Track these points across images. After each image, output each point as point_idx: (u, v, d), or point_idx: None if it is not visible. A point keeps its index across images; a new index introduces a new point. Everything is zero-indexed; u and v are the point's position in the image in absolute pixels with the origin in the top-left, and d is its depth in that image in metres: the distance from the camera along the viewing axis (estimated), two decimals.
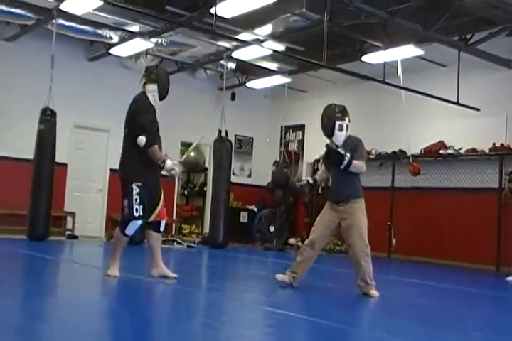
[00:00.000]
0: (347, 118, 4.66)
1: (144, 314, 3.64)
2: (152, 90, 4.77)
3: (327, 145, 4.58)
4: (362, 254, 4.52)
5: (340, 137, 4.60)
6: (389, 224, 9.51)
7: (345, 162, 4.45)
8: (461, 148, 9.08)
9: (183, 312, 3.67)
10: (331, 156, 4.54)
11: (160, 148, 4.75)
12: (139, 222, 4.65)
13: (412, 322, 3.91)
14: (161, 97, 4.82)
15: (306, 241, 4.76)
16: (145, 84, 4.80)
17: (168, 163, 4.56)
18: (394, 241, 9.51)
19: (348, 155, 4.47)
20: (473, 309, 4.77)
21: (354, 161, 4.48)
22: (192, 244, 9.60)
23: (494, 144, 8.66)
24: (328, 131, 4.63)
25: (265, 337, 3.22)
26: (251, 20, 8.06)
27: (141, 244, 8.99)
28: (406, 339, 3.30)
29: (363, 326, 3.66)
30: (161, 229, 4.89)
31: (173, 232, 11.07)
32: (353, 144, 4.62)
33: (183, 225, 12.00)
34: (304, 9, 7.73)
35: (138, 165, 4.65)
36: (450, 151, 9.15)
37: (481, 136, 8.85)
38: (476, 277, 7.81)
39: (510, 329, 3.99)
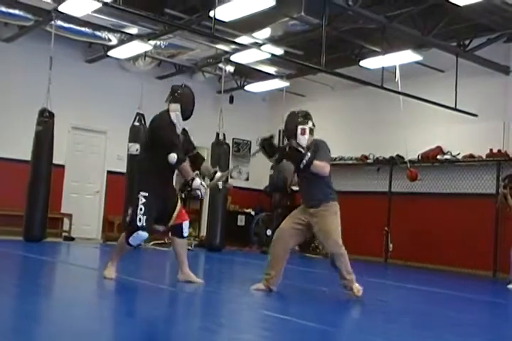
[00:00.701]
0: (310, 122, 4.62)
1: (140, 316, 3.63)
2: (175, 109, 4.70)
3: (287, 145, 4.52)
4: (339, 257, 4.49)
5: (302, 141, 4.53)
6: (386, 229, 9.52)
7: (305, 161, 4.34)
8: (458, 154, 9.10)
9: (180, 315, 3.66)
10: (291, 155, 4.43)
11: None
12: (145, 234, 4.59)
13: (409, 327, 3.90)
14: (185, 117, 4.75)
15: (272, 238, 4.70)
16: (168, 102, 4.75)
17: (197, 181, 4.53)
18: (391, 246, 9.52)
19: (309, 154, 4.37)
20: (470, 314, 4.77)
21: (315, 161, 4.37)
22: (189, 247, 9.54)
23: (491, 150, 8.68)
24: (291, 135, 4.58)
25: (262, 340, 3.22)
26: (250, 23, 8.08)
27: (136, 246, 9.00)
28: None
29: (360, 331, 3.66)
30: (184, 234, 4.82)
31: (170, 235, 11.04)
32: (317, 146, 4.53)
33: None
34: (302, 13, 7.75)
35: (147, 175, 4.62)
36: (447, 157, 9.17)
37: (479, 142, 8.88)
38: (473, 283, 7.82)
39: (506, 335, 4.00)
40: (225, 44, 8.99)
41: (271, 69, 10.28)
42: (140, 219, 4.52)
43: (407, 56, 8.42)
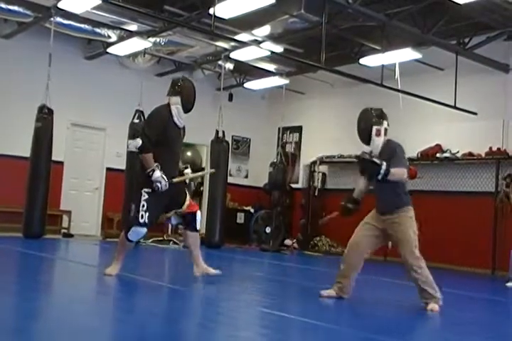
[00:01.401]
0: (385, 122, 4.31)
1: (138, 314, 3.64)
2: (175, 103, 4.68)
3: (358, 157, 4.22)
4: (414, 268, 4.24)
5: (377, 142, 4.27)
6: None
7: (382, 171, 4.05)
8: (457, 152, 9.10)
9: (178, 313, 3.67)
10: (366, 167, 4.18)
11: (175, 162, 4.73)
12: (143, 230, 4.59)
13: (408, 325, 3.91)
14: (186, 110, 4.73)
15: (347, 246, 4.41)
16: (169, 95, 4.73)
17: (157, 174, 4.47)
18: (390, 244, 9.51)
19: (384, 163, 4.07)
20: (469, 313, 4.78)
21: (392, 169, 4.07)
22: None
23: (491, 148, 8.69)
24: (365, 137, 4.30)
25: (260, 338, 3.22)
26: (249, 21, 8.07)
27: (136, 243, 9.00)
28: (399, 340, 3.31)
29: (358, 327, 3.66)
30: (197, 226, 4.82)
31: (169, 232, 11.06)
32: (391, 150, 4.23)
33: (179, 225, 11.97)
34: (302, 11, 7.73)
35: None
36: (447, 155, 9.17)
37: (478, 140, 8.88)
38: (472, 281, 7.83)
39: (506, 333, 4.01)
40: (225, 41, 8.98)
41: (270, 67, 10.27)
42: (142, 215, 4.50)
43: (406, 54, 8.42)
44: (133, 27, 8.71)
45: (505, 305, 5.70)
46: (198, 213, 4.84)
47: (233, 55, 9.18)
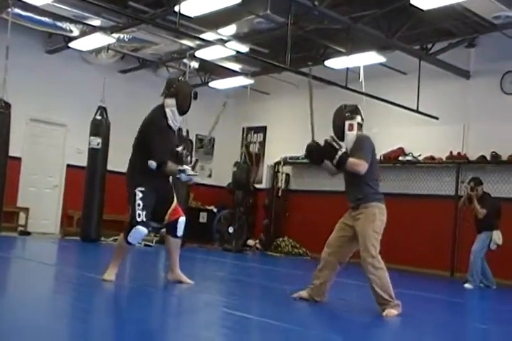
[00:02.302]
0: (358, 117, 4.33)
1: (96, 313, 3.56)
2: (170, 105, 4.54)
3: (325, 140, 4.19)
4: (368, 267, 4.10)
5: (350, 137, 4.27)
6: None
7: (337, 156, 4.07)
8: (419, 156, 9.27)
9: (138, 313, 3.61)
10: (324, 149, 4.16)
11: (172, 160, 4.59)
12: (144, 230, 4.44)
13: (369, 326, 3.95)
14: (181, 112, 4.60)
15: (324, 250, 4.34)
16: (163, 97, 4.59)
17: (183, 177, 4.58)
18: None
19: (343, 150, 4.10)
20: (429, 313, 4.87)
21: (350, 159, 4.10)
22: (149, 243, 9.48)
23: (451, 152, 8.88)
24: (339, 132, 4.30)
25: (221, 338, 3.21)
26: (215, 20, 8.03)
27: (96, 241, 8.86)
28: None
29: (318, 329, 3.68)
30: (179, 233, 4.67)
31: None
32: (358, 142, 4.24)
33: (161, 229, 11.84)
34: (268, 11, 7.75)
35: (141, 170, 4.47)
36: (409, 158, 9.33)
37: (439, 144, 9.07)
38: (433, 282, 7.98)
39: (461, 333, 4.10)
40: (190, 39, 8.90)
41: (236, 67, 10.25)
42: (139, 214, 4.38)
43: (371, 57, 8.52)
44: (96, 22, 8.54)
45: (462, 306, 5.83)
46: (182, 219, 4.70)
47: (198, 53, 9.12)
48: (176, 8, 6.80)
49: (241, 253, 9.99)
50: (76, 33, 8.85)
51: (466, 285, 7.09)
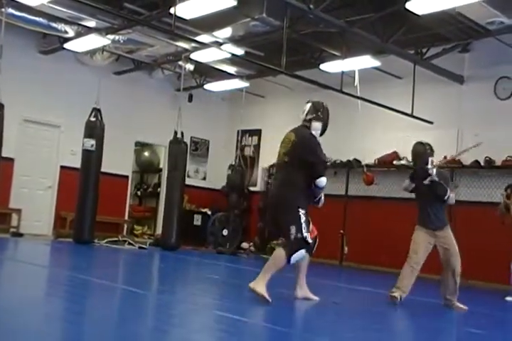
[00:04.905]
0: (433, 154, 5.36)
1: (89, 315, 3.55)
2: (316, 128, 4.61)
3: (431, 180, 5.20)
4: (458, 272, 5.17)
5: (431, 171, 5.22)
6: (341, 232, 9.62)
7: (448, 195, 5.19)
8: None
9: (132, 315, 3.59)
10: (436, 189, 5.19)
11: None
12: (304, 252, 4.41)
13: (358, 329, 3.95)
14: (320, 135, 4.68)
15: (413, 261, 5.21)
16: (311, 120, 4.61)
17: (322, 199, 4.70)
18: (346, 249, 9.63)
19: (449, 190, 5.22)
20: (421, 318, 4.88)
21: (451, 194, 5.20)
22: (143, 246, 9.46)
23: (446, 157, 8.88)
24: (422, 164, 5.26)
25: None
26: (211, 22, 8.02)
27: (89, 243, 8.81)
28: None
29: (310, 331, 3.68)
30: (314, 250, 4.68)
31: (125, 233, 10.89)
32: (444, 178, 5.32)
33: (135, 226, 11.84)
34: (264, 14, 7.74)
35: (301, 191, 4.49)
36: (403, 162, 9.32)
37: (434, 149, 9.05)
38: (426, 286, 7.97)
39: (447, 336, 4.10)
40: (185, 42, 8.89)
41: (231, 69, 10.25)
42: (306, 236, 4.33)
43: (366, 61, 8.54)
44: (91, 23, 8.51)
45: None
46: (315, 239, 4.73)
47: (194, 55, 9.11)
48: (172, 10, 6.79)
49: (235, 256, 9.98)
50: (71, 33, 8.81)
51: (509, 298, 6.68)
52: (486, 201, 8.43)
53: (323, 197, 4.68)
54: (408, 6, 6.47)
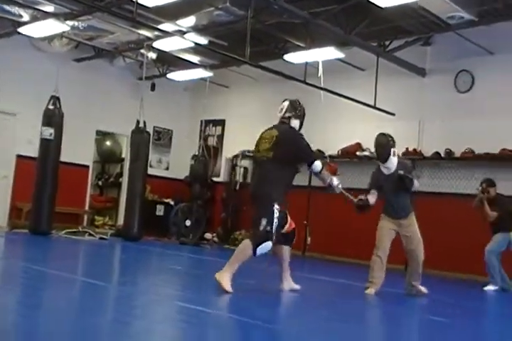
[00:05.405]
0: (395, 145, 5.46)
1: (46, 309, 3.45)
2: (295, 126, 4.78)
3: (399, 174, 5.32)
4: (422, 258, 5.33)
5: (394, 161, 5.35)
6: (305, 222, 9.68)
7: (415, 186, 5.34)
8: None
9: (93, 307, 3.52)
10: (404, 182, 5.29)
11: None
12: (270, 245, 4.46)
13: (321, 319, 3.98)
14: None
15: (379, 251, 5.30)
16: (290, 118, 4.78)
17: (335, 181, 4.76)
18: (309, 239, 9.69)
19: (415, 180, 5.34)
20: (383, 307, 4.95)
21: (416, 182, 5.35)
22: (104, 236, 9.30)
23: (407, 149, 9.02)
24: (385, 157, 5.37)
25: (177, 331, 3.16)
26: (174, 10, 7.90)
27: (47, 234, 8.60)
28: (318, 336, 3.36)
29: (276, 323, 3.68)
30: (293, 242, 4.90)
31: (85, 224, 10.69)
32: (405, 167, 5.42)
33: (95, 216, 11.64)
34: (228, 4, 7.67)
35: (280, 187, 4.57)
36: (366, 153, 9.42)
37: (396, 140, 9.17)
38: (390, 276, 8.10)
39: (404, 325, 4.17)
40: (148, 30, 8.73)
41: (194, 59, 10.13)
42: (273, 231, 4.41)
43: (329, 53, 8.56)
44: (49, 8, 8.22)
45: (413, 299, 5.93)
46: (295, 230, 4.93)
47: (156, 44, 8.95)
48: None
49: (198, 247, 9.93)
50: (26, 18, 8.48)
51: (487, 288, 6.81)
52: (446, 192, 8.61)
53: (335, 182, 4.76)
54: None
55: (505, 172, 8.07)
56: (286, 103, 4.84)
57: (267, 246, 4.39)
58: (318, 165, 4.57)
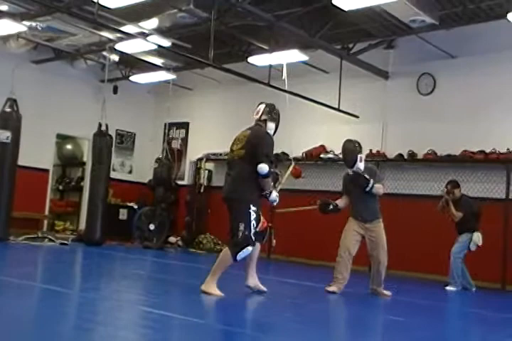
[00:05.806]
0: (361, 151, 5.65)
1: (9, 316, 3.32)
2: (270, 128, 4.83)
3: (354, 172, 5.48)
4: (384, 264, 5.44)
5: (361, 166, 5.49)
6: (270, 225, 9.63)
7: (370, 185, 5.38)
8: (340, 153, 9.42)
9: (53, 314, 3.40)
10: (358, 180, 5.44)
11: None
12: (251, 249, 4.52)
13: (287, 321, 3.96)
14: (272, 135, 4.89)
15: (342, 250, 5.45)
16: (266, 120, 4.82)
17: (274, 194, 4.80)
18: (274, 241, 9.65)
19: (372, 180, 5.40)
20: (346, 309, 4.96)
21: (376, 184, 5.40)
22: (65, 241, 9.07)
23: (371, 151, 9.11)
24: (352, 162, 5.52)
25: (141, 337, 3.08)
26: (137, 12, 7.80)
27: (4, 240, 8.34)
28: (280, 337, 3.33)
29: (240, 326, 3.64)
30: (265, 239, 5.11)
31: (45, 229, 10.43)
32: (370, 171, 5.55)
33: (56, 221, 11.38)
34: (191, 6, 7.60)
35: (253, 188, 4.62)
36: (330, 156, 9.48)
37: (360, 142, 9.26)
38: (353, 277, 8.16)
39: (372, 326, 4.19)
40: (110, 31, 8.59)
41: (157, 61, 10.02)
42: (252, 235, 4.45)
43: (293, 55, 8.57)
44: (3, 7, 8.00)
45: (376, 299, 5.98)
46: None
47: (118, 46, 8.81)
48: None
49: (162, 251, 9.81)
50: None
51: (448, 288, 7.00)
52: (409, 193, 8.73)
53: (275, 194, 4.82)
54: (335, 1, 6.54)
55: (465, 173, 8.24)
56: (263, 106, 4.90)
57: (247, 251, 4.46)
58: (264, 168, 4.48)
